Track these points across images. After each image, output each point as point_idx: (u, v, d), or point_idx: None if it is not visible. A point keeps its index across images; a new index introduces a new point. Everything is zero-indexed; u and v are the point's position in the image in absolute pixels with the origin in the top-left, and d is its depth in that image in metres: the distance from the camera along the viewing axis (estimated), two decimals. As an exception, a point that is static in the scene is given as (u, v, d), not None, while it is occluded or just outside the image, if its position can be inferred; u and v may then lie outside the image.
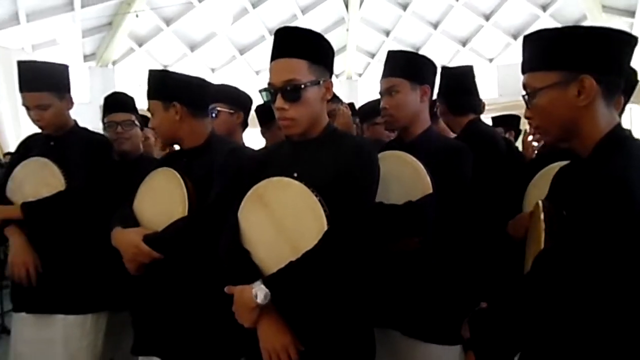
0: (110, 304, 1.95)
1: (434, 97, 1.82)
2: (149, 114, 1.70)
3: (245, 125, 2.16)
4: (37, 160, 1.89)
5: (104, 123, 2.23)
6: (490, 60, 10.35)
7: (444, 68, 2.12)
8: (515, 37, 9.80)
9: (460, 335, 1.41)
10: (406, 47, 10.00)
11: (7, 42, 7.70)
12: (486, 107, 2.50)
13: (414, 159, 1.50)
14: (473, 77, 2.11)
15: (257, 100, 1.79)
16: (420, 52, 9.90)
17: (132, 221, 1.60)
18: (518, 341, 0.99)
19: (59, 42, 7.99)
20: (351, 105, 2.72)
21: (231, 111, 2.06)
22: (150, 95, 1.59)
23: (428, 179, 1.46)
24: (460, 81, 2.08)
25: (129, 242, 1.50)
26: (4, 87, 7.34)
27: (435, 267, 1.49)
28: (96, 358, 1.93)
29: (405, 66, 1.58)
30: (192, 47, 9.94)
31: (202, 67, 10.13)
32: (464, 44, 10.25)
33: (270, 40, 9.15)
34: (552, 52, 0.99)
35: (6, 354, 3.23)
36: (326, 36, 1.34)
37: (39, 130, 1.99)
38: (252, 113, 2.24)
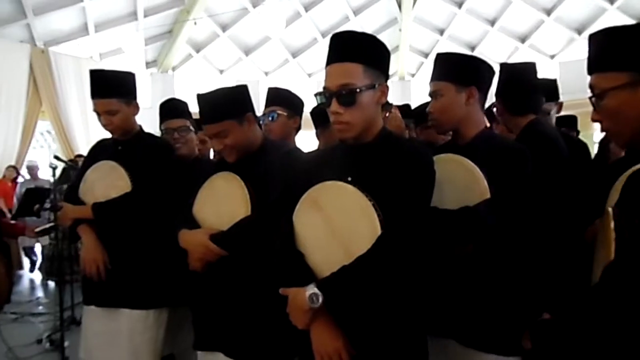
0: (171, 300, 2.04)
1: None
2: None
3: (298, 128, 2.20)
4: (106, 164, 2.01)
5: (161, 130, 2.33)
6: (552, 56, 9.87)
7: (502, 65, 2.03)
8: (579, 31, 9.31)
9: (520, 345, 1.37)
10: (461, 46, 9.76)
11: (78, 51, 8.24)
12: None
13: (470, 162, 1.45)
14: (534, 74, 1.99)
15: (310, 103, 1.83)
16: (477, 51, 9.69)
17: (194, 223, 1.67)
18: (583, 355, 0.94)
19: (123, 50, 8.47)
20: (407, 106, 2.68)
21: (289, 115, 2.10)
22: (224, 116, 1.60)
23: (485, 183, 1.41)
24: (519, 79, 1.96)
25: (198, 242, 1.57)
26: (75, 94, 7.87)
27: (494, 274, 1.43)
28: (157, 351, 2.01)
29: (450, 69, 1.54)
30: (247, 52, 10.20)
31: (256, 71, 10.37)
32: (523, 40, 9.85)
33: (322, 42, 9.28)
34: (622, 52, 0.94)
35: (76, 343, 3.47)
36: (378, 37, 1.32)
37: (108, 135, 2.12)
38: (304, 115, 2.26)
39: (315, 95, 1.33)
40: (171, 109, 2.34)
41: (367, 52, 1.29)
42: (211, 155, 2.65)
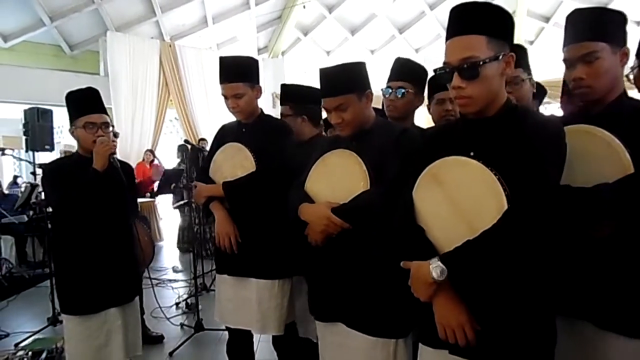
0: (294, 272, 2.18)
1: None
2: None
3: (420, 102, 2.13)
4: (233, 145, 2.17)
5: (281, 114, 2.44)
6: None
7: None
8: None
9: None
10: (590, 5, 8.72)
11: (198, 43, 8.93)
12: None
13: (607, 133, 1.32)
14: None
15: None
16: (612, 6, 8.53)
17: (309, 199, 1.73)
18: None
19: (238, 38, 8.98)
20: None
21: (416, 92, 2.04)
22: (345, 90, 1.63)
23: (627, 155, 1.28)
24: None
25: (320, 215, 1.62)
26: (197, 82, 8.58)
27: (635, 256, 1.30)
28: (282, 318, 2.16)
29: (602, 26, 1.37)
30: (353, 31, 10.20)
31: (362, 50, 10.33)
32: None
33: (429, 15, 8.88)
34: None
35: (208, 307, 3.86)
36: (494, 2, 1.25)
37: (229, 120, 2.28)
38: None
39: (435, 70, 1.31)
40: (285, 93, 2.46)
41: (489, 22, 1.23)
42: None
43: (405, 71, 2.06)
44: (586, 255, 1.36)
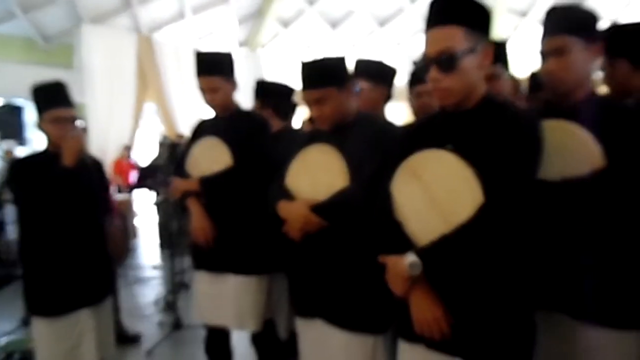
0: (271, 268, 2.15)
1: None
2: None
3: (387, 99, 2.14)
4: (210, 140, 2.14)
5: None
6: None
7: (628, 24, 1.80)
8: None
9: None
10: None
11: (176, 36, 8.77)
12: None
13: (579, 128, 1.33)
14: None
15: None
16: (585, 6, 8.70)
17: (288, 195, 1.71)
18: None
19: (217, 32, 8.85)
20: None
21: (371, 86, 2.05)
22: (325, 83, 1.62)
23: (598, 150, 1.29)
24: None
25: (298, 213, 1.61)
26: (175, 76, 8.43)
27: (610, 248, 1.32)
28: (260, 315, 2.14)
29: (575, 21, 1.39)
30: (334, 25, 10.15)
31: (343, 44, 10.30)
32: (641, -10, 8.71)
33: (410, 9, 8.89)
34: None
35: (187, 304, 3.82)
36: None
37: (207, 115, 2.25)
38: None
39: (414, 62, 1.30)
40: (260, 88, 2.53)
41: (467, 14, 1.23)
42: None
43: (359, 69, 2.08)
44: (560, 248, 1.37)
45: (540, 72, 1.48)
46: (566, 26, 1.38)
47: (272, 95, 2.48)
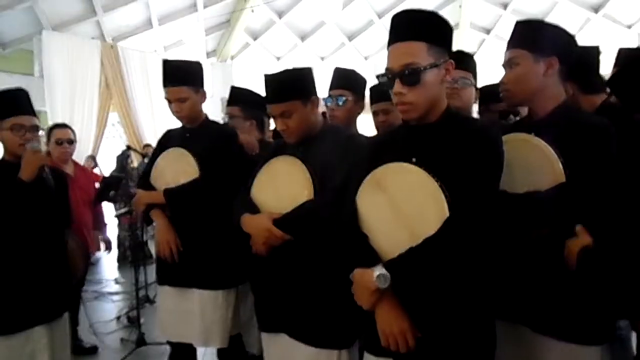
0: (238, 281, 2.11)
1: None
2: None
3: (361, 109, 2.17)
4: (176, 151, 2.10)
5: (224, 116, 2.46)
6: (629, 27, 9.11)
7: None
8: (661, -3, 8.51)
9: (600, 335, 1.30)
10: (529, 17, 9.20)
11: (143, 45, 8.62)
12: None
13: (543, 142, 1.36)
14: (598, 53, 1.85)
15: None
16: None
17: (253, 206, 1.69)
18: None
19: (185, 41, 8.75)
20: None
21: (356, 99, 2.10)
22: (290, 97, 1.61)
23: (559, 165, 1.32)
24: (588, 56, 1.79)
25: (261, 227, 1.59)
26: (141, 86, 8.27)
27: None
28: (227, 330, 2.09)
29: (529, 36, 1.43)
30: (303, 37, 10.22)
31: (312, 56, 10.38)
32: (596, 10, 9.16)
33: (378, 24, 9.05)
34: None
35: (151, 320, 3.70)
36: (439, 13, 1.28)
37: (174, 125, 2.20)
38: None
39: (377, 77, 1.31)
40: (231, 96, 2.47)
41: (430, 30, 1.25)
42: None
43: (345, 80, 2.11)
44: (522, 260, 1.39)
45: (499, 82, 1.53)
46: (517, 40, 1.45)
47: (254, 105, 2.39)
